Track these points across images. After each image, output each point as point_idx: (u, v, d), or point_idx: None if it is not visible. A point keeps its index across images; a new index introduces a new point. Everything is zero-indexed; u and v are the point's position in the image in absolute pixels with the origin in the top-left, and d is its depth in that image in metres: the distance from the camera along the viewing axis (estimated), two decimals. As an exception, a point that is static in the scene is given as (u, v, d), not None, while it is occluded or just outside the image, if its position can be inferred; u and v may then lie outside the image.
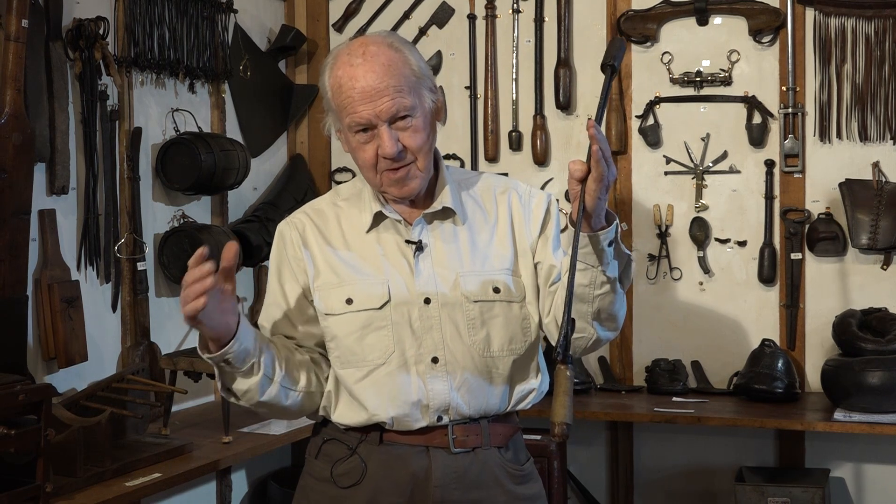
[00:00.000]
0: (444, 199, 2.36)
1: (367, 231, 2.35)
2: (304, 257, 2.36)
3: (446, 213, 2.36)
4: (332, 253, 2.35)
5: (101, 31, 3.34)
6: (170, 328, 3.76)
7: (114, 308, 3.52)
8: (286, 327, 2.40)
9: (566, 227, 2.16)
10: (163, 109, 3.73)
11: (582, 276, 2.15)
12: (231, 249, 2.16)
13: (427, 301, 2.31)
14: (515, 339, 2.36)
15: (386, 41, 2.28)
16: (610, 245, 2.13)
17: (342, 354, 2.33)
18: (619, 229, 2.16)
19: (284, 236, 2.40)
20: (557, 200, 2.31)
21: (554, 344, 2.31)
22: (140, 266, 3.57)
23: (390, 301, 2.30)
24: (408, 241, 2.34)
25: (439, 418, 2.32)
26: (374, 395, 2.30)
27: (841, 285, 3.91)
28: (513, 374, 2.38)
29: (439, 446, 2.32)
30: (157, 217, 3.72)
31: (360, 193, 2.40)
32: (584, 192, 2.04)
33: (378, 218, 2.35)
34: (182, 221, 3.78)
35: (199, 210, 3.91)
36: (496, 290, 2.33)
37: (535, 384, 2.42)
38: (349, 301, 2.31)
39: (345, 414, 2.35)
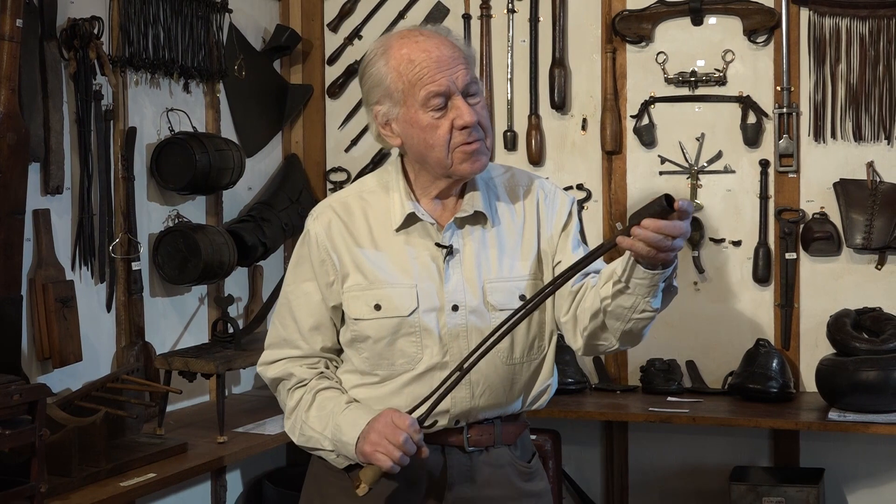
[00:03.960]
0: (475, 202, 2.35)
1: (397, 229, 2.33)
2: (332, 259, 2.34)
3: (477, 217, 2.35)
4: (360, 252, 2.33)
5: (95, 31, 3.34)
6: (164, 328, 3.76)
7: (108, 308, 3.51)
8: (293, 334, 2.39)
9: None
10: (157, 109, 3.73)
11: (625, 299, 2.18)
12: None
13: (455, 308, 2.31)
14: (535, 344, 2.38)
15: (435, 29, 2.33)
16: (664, 282, 2.15)
17: (371, 357, 2.33)
18: (676, 268, 2.17)
19: (310, 235, 2.38)
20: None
21: (571, 341, 2.36)
22: (135, 266, 3.57)
23: (419, 308, 2.30)
24: (438, 245, 2.32)
25: (457, 422, 2.33)
26: (398, 400, 2.30)
27: (835, 285, 3.91)
28: (531, 378, 2.40)
29: (454, 445, 2.34)
30: (152, 217, 3.71)
31: (388, 186, 2.38)
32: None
33: (409, 219, 2.33)
34: (177, 221, 3.77)
35: (194, 210, 3.91)
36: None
37: (548, 385, 2.44)
38: (377, 307, 2.30)
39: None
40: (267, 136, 4.34)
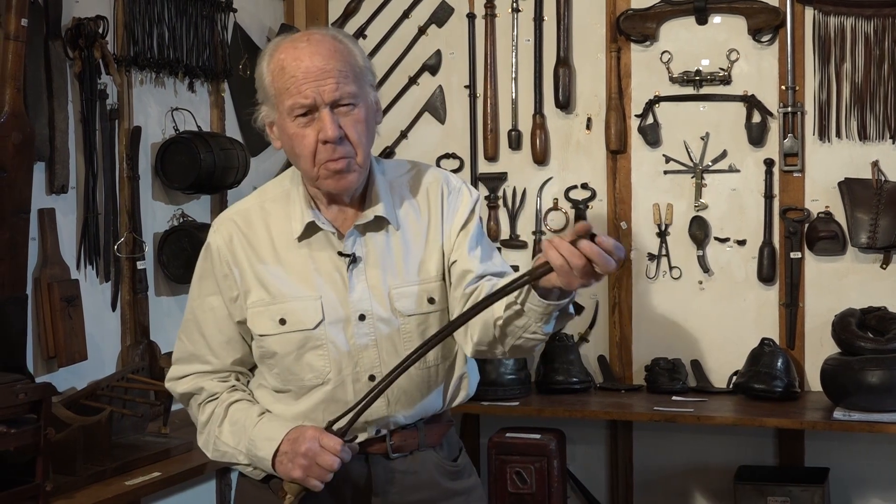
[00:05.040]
0: (376, 207, 2.29)
1: (298, 239, 2.28)
2: (234, 274, 2.30)
3: (379, 223, 2.29)
4: (262, 267, 2.28)
5: (100, 30, 3.35)
6: (169, 327, 3.76)
7: (113, 307, 3.52)
8: (202, 349, 2.36)
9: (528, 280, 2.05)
10: (162, 108, 3.73)
11: (518, 319, 2.12)
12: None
13: (362, 318, 2.26)
14: (447, 344, 2.33)
15: (329, 33, 2.25)
16: (558, 310, 2.09)
17: (281, 373, 2.30)
18: (573, 298, 2.11)
19: (212, 250, 2.34)
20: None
21: (461, 343, 2.30)
22: (140, 265, 3.57)
23: (324, 320, 2.25)
24: (341, 254, 2.27)
25: (378, 431, 2.30)
26: (315, 415, 2.27)
27: (840, 284, 3.91)
28: (446, 376, 2.36)
29: (377, 453, 2.31)
30: (157, 216, 3.72)
31: (288, 194, 2.33)
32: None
33: (310, 228, 2.28)
34: (182, 220, 3.78)
35: (199, 209, 3.91)
36: (431, 301, 2.29)
37: (466, 379, 2.40)
38: (282, 321, 2.26)
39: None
40: (271, 135, 4.34)
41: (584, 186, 4.16)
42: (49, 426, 2.70)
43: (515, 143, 4.23)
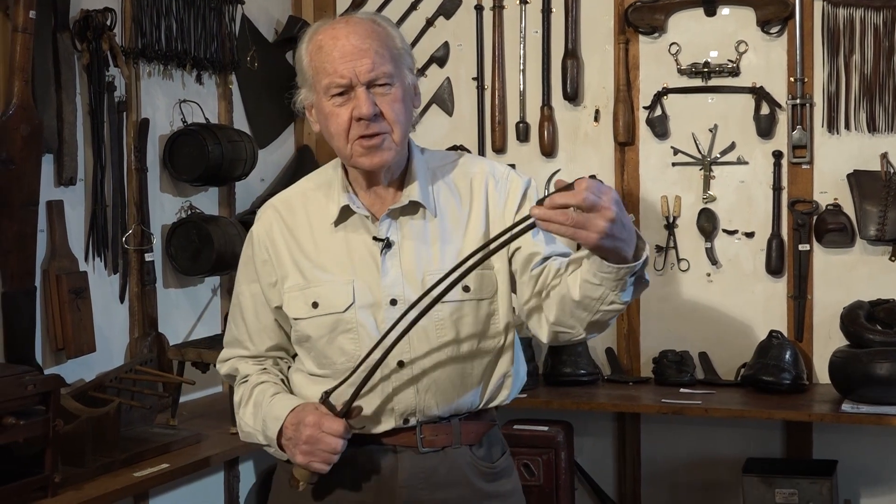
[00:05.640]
0: (411, 192, 2.29)
1: (335, 223, 2.30)
2: (272, 260, 2.34)
3: (415, 208, 2.30)
4: (300, 251, 2.31)
5: (108, 23, 3.34)
6: (177, 319, 3.77)
7: (121, 299, 3.53)
8: (242, 334, 2.41)
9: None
10: (170, 100, 3.73)
11: (594, 290, 2.08)
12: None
13: (393, 302, 2.25)
14: (485, 336, 2.31)
15: (370, 17, 2.28)
16: (633, 276, 2.06)
17: (317, 357, 2.32)
18: (647, 261, 2.08)
19: (253, 237, 2.38)
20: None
21: (535, 328, 2.27)
22: (148, 257, 3.57)
23: (354, 303, 2.26)
24: (375, 238, 2.28)
25: (406, 420, 2.28)
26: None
27: (849, 276, 3.90)
28: (485, 372, 2.33)
29: (407, 445, 2.29)
30: (165, 208, 3.72)
31: (331, 182, 2.35)
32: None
33: (345, 213, 2.30)
34: (189, 212, 3.78)
35: (207, 201, 3.91)
36: (466, 289, 2.27)
37: (510, 378, 2.37)
38: (315, 304, 2.28)
39: None
40: (279, 127, 4.34)
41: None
42: (57, 418, 2.71)
43: (523, 135, 4.23)
